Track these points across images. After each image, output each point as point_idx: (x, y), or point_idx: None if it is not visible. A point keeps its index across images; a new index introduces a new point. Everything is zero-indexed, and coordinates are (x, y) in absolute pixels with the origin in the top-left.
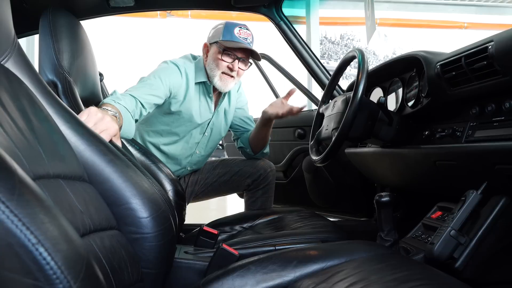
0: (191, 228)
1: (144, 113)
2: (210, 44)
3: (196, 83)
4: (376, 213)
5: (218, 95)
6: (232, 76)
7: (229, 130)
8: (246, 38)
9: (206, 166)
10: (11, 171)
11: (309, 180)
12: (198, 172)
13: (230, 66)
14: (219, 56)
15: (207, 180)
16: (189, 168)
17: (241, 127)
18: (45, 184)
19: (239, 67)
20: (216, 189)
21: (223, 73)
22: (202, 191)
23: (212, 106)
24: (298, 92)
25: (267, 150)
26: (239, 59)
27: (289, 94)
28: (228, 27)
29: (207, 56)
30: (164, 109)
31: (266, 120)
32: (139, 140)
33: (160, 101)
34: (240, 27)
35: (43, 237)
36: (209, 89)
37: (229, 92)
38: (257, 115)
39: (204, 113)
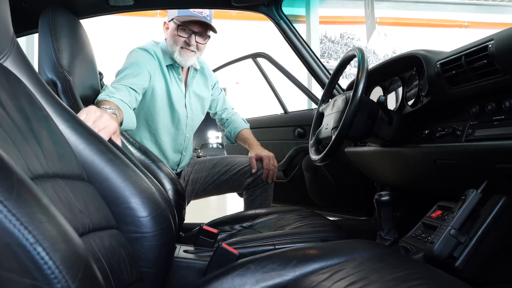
0: (190, 227)
1: (139, 98)
2: (169, 22)
3: (166, 66)
4: (376, 212)
5: (187, 76)
6: (192, 51)
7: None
8: (201, 12)
9: (206, 164)
10: (10, 171)
11: (309, 179)
12: (199, 171)
13: (187, 41)
14: (176, 32)
15: (207, 179)
16: (184, 153)
17: (217, 106)
18: (44, 184)
19: (197, 41)
20: (217, 188)
21: (181, 48)
22: (203, 190)
23: (183, 86)
24: (298, 92)
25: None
26: (195, 33)
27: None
28: None
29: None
30: (148, 98)
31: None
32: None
33: (146, 84)
34: None
35: (41, 237)
36: (178, 70)
37: (198, 72)
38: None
39: (180, 94)
